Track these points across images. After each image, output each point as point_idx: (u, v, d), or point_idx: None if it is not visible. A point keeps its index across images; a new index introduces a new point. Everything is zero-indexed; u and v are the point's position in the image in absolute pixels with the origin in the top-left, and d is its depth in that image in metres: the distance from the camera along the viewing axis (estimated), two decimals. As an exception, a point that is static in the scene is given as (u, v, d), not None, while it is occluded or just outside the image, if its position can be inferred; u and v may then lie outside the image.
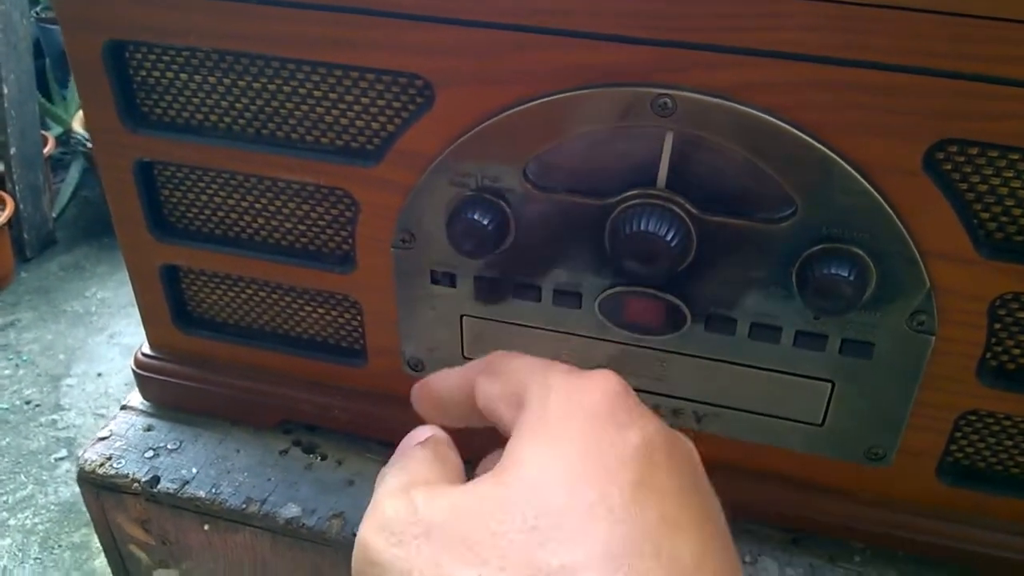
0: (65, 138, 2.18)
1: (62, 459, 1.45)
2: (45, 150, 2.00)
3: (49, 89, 2.23)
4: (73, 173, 2.22)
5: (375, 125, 0.38)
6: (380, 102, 0.37)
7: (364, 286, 0.42)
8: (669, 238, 0.34)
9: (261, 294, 0.46)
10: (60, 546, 1.30)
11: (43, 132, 2.02)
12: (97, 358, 1.68)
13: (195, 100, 0.40)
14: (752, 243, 0.35)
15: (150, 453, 0.47)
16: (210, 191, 0.43)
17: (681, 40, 0.31)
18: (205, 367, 0.48)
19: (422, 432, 0.28)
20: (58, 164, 2.27)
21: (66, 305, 1.83)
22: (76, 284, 1.90)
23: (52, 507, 1.37)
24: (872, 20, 0.29)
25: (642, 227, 0.34)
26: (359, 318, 0.45)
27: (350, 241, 0.42)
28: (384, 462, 0.46)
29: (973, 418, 0.39)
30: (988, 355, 0.37)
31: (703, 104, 0.32)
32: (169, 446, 0.48)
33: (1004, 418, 0.39)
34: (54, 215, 2.08)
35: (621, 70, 0.33)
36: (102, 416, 1.53)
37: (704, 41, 0.31)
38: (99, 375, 1.64)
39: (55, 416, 1.54)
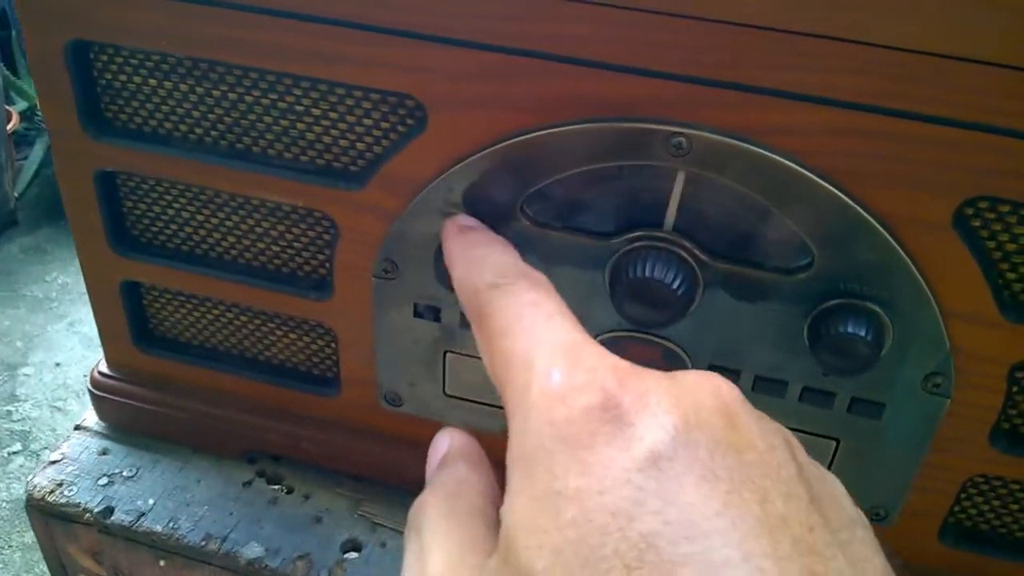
0: (30, 114, 2.12)
1: (16, 453, 1.40)
2: (8, 126, 1.94)
3: (15, 62, 2.16)
4: (37, 150, 2.15)
5: (360, 146, 0.35)
6: (367, 121, 0.35)
7: (340, 314, 0.40)
8: (675, 285, 0.32)
9: (229, 315, 0.43)
10: (10, 546, 1.25)
11: (7, 107, 1.96)
12: (56, 347, 1.63)
13: (164, 108, 0.37)
14: (763, 294, 0.33)
15: (104, 480, 0.44)
16: (177, 205, 0.40)
17: (703, 76, 0.29)
18: (166, 390, 0.45)
19: (440, 445, 0.25)
20: (22, 140, 2.20)
21: (25, 290, 1.78)
22: (36, 268, 1.85)
23: (3, 504, 1.32)
24: (925, 69, 0.27)
25: (646, 272, 0.32)
26: (333, 346, 0.42)
27: (327, 266, 0.39)
28: (354, 498, 0.44)
29: (980, 480, 0.37)
30: (1002, 419, 0.35)
31: (721, 146, 0.30)
32: (125, 473, 0.45)
33: (1012, 482, 0.37)
34: (16, 194, 2.01)
35: (634, 104, 0.30)
36: (59, 409, 1.48)
37: (728, 79, 0.29)
38: (57, 365, 1.59)
39: (10, 407, 1.49)
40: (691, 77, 0.29)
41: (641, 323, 0.34)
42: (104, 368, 0.46)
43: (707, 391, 0.19)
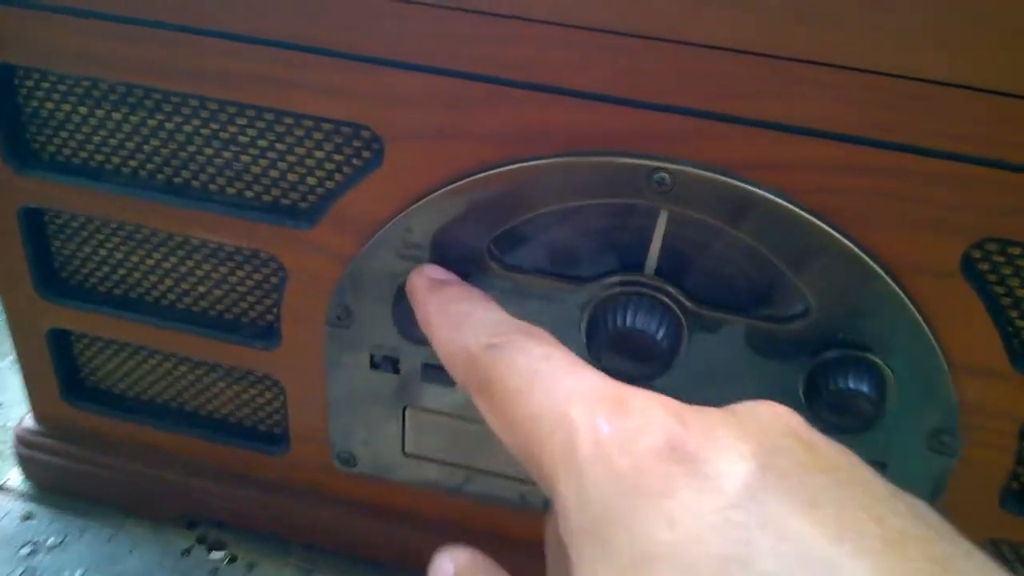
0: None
1: (-49, 504, 1.33)
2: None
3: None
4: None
5: (311, 180, 0.32)
6: (318, 154, 0.32)
7: (288, 366, 0.36)
8: (658, 335, 0.29)
9: (167, 365, 0.39)
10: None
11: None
12: None
13: (96, 139, 0.34)
14: (755, 344, 0.30)
15: (27, 549, 0.40)
16: (110, 245, 0.36)
17: (686, 106, 0.26)
18: (98, 447, 0.41)
19: (444, 568, 0.22)
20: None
21: (-29, 329, 1.71)
22: (-15, 307, 1.78)
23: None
24: (926, 98, 0.24)
25: (627, 322, 0.29)
26: (281, 399, 0.38)
27: (275, 312, 0.36)
28: (304, 568, 0.40)
29: (989, 545, 0.34)
30: (1012, 479, 0.32)
31: (707, 182, 0.27)
32: (50, 541, 0.40)
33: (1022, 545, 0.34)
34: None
35: (611, 136, 0.27)
36: None
37: (714, 109, 0.26)
38: None
39: (-52, 453, 1.42)
40: (674, 107, 0.26)
41: (621, 376, 0.30)
42: (30, 423, 0.42)
43: (769, 417, 0.18)
